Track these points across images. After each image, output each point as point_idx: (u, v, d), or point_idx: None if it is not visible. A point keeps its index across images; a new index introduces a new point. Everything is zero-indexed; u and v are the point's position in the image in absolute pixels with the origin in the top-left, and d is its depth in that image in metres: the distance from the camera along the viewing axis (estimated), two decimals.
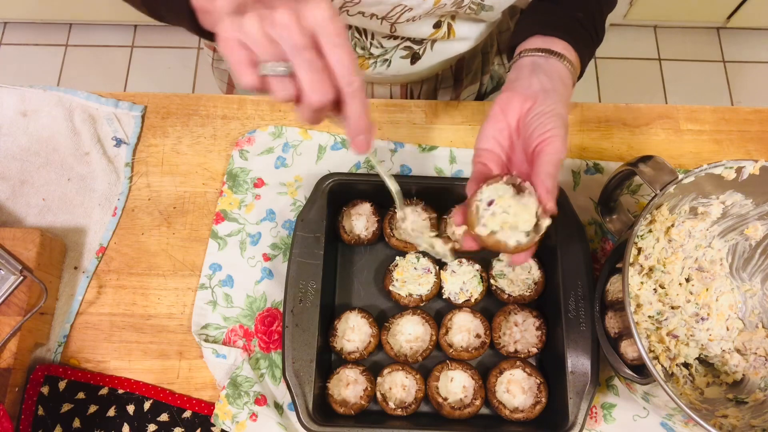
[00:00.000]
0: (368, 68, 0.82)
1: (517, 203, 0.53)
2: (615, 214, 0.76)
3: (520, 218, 0.53)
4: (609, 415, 0.73)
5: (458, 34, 0.76)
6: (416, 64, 0.81)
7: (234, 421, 0.71)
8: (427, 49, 0.78)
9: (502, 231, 0.54)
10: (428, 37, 0.74)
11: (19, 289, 0.71)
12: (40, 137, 0.84)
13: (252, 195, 0.82)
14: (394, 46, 0.77)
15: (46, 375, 0.73)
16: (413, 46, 0.78)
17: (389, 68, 0.81)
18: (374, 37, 0.76)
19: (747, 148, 0.86)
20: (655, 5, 1.97)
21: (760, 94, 2.06)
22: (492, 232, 0.54)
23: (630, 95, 2.08)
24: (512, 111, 0.60)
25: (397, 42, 0.77)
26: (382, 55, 0.79)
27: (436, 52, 0.80)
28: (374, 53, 0.79)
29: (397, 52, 0.79)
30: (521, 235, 0.54)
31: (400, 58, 0.80)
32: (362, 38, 0.76)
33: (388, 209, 0.78)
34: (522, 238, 0.54)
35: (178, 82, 2.05)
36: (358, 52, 0.80)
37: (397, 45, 0.77)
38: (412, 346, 0.73)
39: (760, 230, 0.73)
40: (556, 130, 0.56)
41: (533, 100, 0.58)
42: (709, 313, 0.73)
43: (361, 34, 0.76)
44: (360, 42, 0.77)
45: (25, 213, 0.81)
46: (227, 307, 0.77)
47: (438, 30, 0.74)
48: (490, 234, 0.54)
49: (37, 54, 2.09)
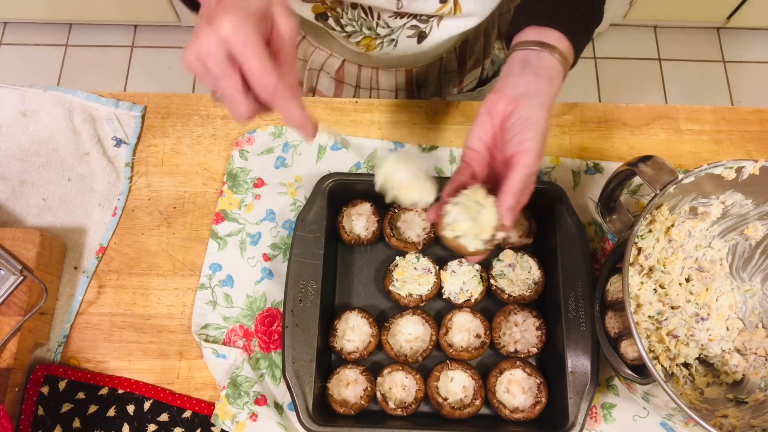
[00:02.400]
0: (375, 48, 0.82)
1: (479, 216, 0.59)
2: (615, 214, 0.76)
3: (481, 229, 0.59)
4: (609, 415, 0.73)
5: (464, 10, 0.75)
6: (423, 42, 0.81)
7: (234, 421, 0.71)
8: (434, 27, 0.78)
9: (464, 237, 0.60)
10: (435, 13, 0.74)
11: (19, 289, 0.71)
12: (40, 137, 0.84)
13: (252, 195, 0.82)
14: (400, 25, 0.78)
15: (46, 375, 0.73)
16: (419, 24, 0.78)
17: (396, 48, 0.82)
18: (380, 17, 0.76)
19: (747, 148, 0.86)
20: (655, 5, 1.97)
21: (760, 94, 2.06)
22: (456, 237, 0.60)
23: (630, 95, 2.08)
24: (497, 113, 0.61)
25: (403, 21, 0.77)
26: (389, 35, 0.79)
27: (442, 30, 0.79)
28: (381, 33, 0.79)
29: (403, 32, 0.79)
30: (479, 242, 0.60)
31: (407, 37, 0.80)
32: (369, 18, 0.77)
33: (388, 209, 0.78)
34: (480, 245, 0.60)
35: (178, 82, 2.05)
36: (365, 33, 0.80)
37: (404, 24, 0.77)
38: (412, 346, 0.73)
39: (760, 230, 0.73)
40: (530, 142, 0.58)
41: (515, 104, 0.60)
42: (709, 313, 0.73)
43: (368, 14, 0.76)
44: (366, 22, 0.77)
45: (25, 213, 0.81)
46: (227, 307, 0.77)
47: (444, 5, 0.74)
48: (454, 237, 0.61)
49: (37, 54, 2.09)
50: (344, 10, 0.77)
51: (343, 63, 0.91)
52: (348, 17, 0.78)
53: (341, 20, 0.79)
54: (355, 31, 0.80)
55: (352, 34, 0.81)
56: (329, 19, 0.79)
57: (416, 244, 0.76)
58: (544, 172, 0.83)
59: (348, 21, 0.79)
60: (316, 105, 0.87)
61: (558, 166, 0.84)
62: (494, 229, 0.59)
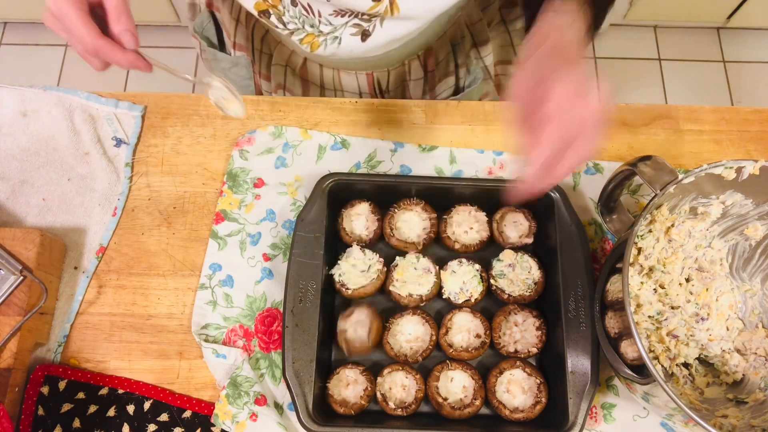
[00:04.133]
0: (319, 47, 0.82)
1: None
2: (615, 214, 0.77)
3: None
4: (609, 415, 0.73)
5: (403, 12, 0.75)
6: (367, 41, 0.80)
7: (234, 421, 0.71)
8: (377, 26, 0.78)
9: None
10: (367, 11, 0.74)
11: (19, 289, 0.71)
12: (40, 137, 0.84)
13: (252, 195, 0.82)
14: (342, 23, 0.78)
15: (46, 375, 0.73)
16: (362, 23, 0.78)
17: (340, 46, 0.81)
18: (321, 15, 0.77)
19: (747, 148, 0.86)
20: (655, 5, 1.97)
21: (760, 94, 2.06)
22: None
23: (630, 95, 2.08)
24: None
25: (345, 20, 0.77)
26: (332, 32, 0.79)
27: (386, 30, 0.79)
28: (324, 30, 0.79)
29: (346, 29, 0.79)
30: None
31: (350, 35, 0.79)
32: (310, 16, 0.77)
33: (388, 209, 0.78)
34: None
35: (178, 82, 2.03)
36: (308, 30, 0.80)
37: (346, 23, 0.78)
38: (412, 346, 0.73)
39: (760, 230, 0.73)
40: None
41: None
42: (709, 313, 0.73)
43: (308, 12, 0.77)
44: (309, 20, 0.78)
45: (25, 213, 0.81)
46: (227, 307, 0.77)
47: (378, 3, 0.73)
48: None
49: (37, 54, 2.09)
50: (285, 8, 0.77)
51: (305, 61, 0.91)
52: (290, 14, 0.78)
53: (283, 17, 0.79)
54: (297, 29, 0.80)
55: (294, 32, 0.81)
56: (272, 17, 0.79)
57: (416, 244, 0.76)
58: None
59: (290, 18, 0.79)
60: (316, 105, 0.87)
61: None
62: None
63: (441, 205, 0.78)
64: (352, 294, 0.74)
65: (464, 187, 0.78)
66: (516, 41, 0.98)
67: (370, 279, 0.74)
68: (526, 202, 0.76)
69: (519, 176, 0.57)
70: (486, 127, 0.86)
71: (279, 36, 0.89)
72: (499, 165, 0.84)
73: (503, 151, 0.84)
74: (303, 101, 0.87)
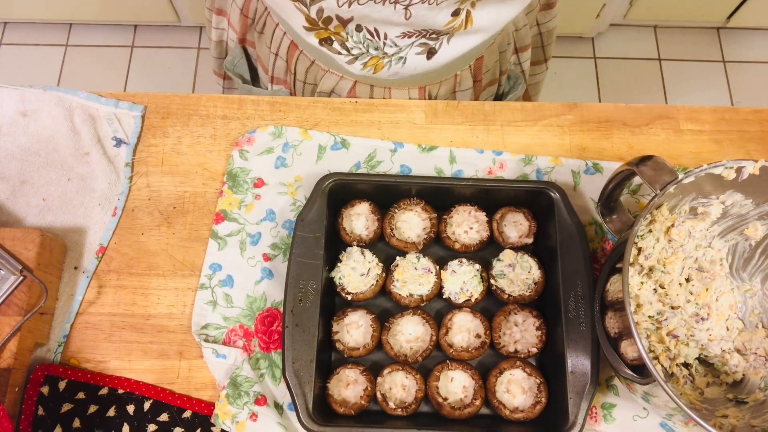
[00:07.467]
0: (383, 68, 0.81)
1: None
2: (615, 214, 0.77)
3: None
4: (609, 415, 0.73)
5: (476, 24, 0.74)
6: (432, 59, 0.79)
7: (234, 421, 0.71)
8: (444, 43, 0.78)
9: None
10: (444, 27, 0.73)
11: (19, 289, 0.71)
12: (40, 137, 0.84)
13: (252, 195, 0.82)
14: (408, 44, 0.77)
15: (46, 375, 0.73)
16: (429, 42, 0.76)
17: (405, 66, 0.80)
18: (387, 37, 0.76)
19: (747, 148, 0.86)
20: (655, 5, 1.97)
21: (760, 94, 2.06)
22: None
23: (630, 95, 2.07)
24: None
25: (411, 40, 0.76)
26: (396, 53, 0.78)
27: (452, 46, 0.78)
28: (388, 52, 0.78)
29: (412, 49, 0.78)
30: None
31: (415, 54, 0.79)
32: (375, 39, 0.76)
33: (388, 209, 0.78)
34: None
35: (178, 82, 2.05)
36: (372, 53, 0.79)
37: (412, 43, 0.77)
38: (412, 346, 0.73)
39: (760, 230, 0.73)
40: None
41: None
42: (709, 313, 0.73)
43: (373, 35, 0.75)
44: (373, 43, 0.76)
45: (25, 213, 0.81)
46: (227, 307, 0.77)
47: (456, 18, 0.72)
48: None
49: (37, 54, 2.09)
50: (349, 34, 0.76)
51: (354, 84, 0.90)
52: (353, 40, 0.77)
53: (347, 43, 0.78)
54: (362, 53, 0.79)
55: (359, 57, 0.80)
56: (334, 44, 0.79)
57: (416, 244, 0.76)
58: (544, 173, 0.83)
59: (354, 44, 0.78)
60: (316, 105, 0.87)
61: (558, 166, 0.84)
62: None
63: (441, 205, 0.78)
64: (352, 298, 0.74)
65: (464, 187, 0.78)
66: (546, 42, 0.98)
67: (369, 285, 0.74)
68: (523, 202, 0.76)
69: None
70: (486, 127, 0.86)
71: (330, 63, 0.87)
72: (499, 165, 0.84)
73: (503, 151, 0.85)
74: (303, 101, 0.87)
